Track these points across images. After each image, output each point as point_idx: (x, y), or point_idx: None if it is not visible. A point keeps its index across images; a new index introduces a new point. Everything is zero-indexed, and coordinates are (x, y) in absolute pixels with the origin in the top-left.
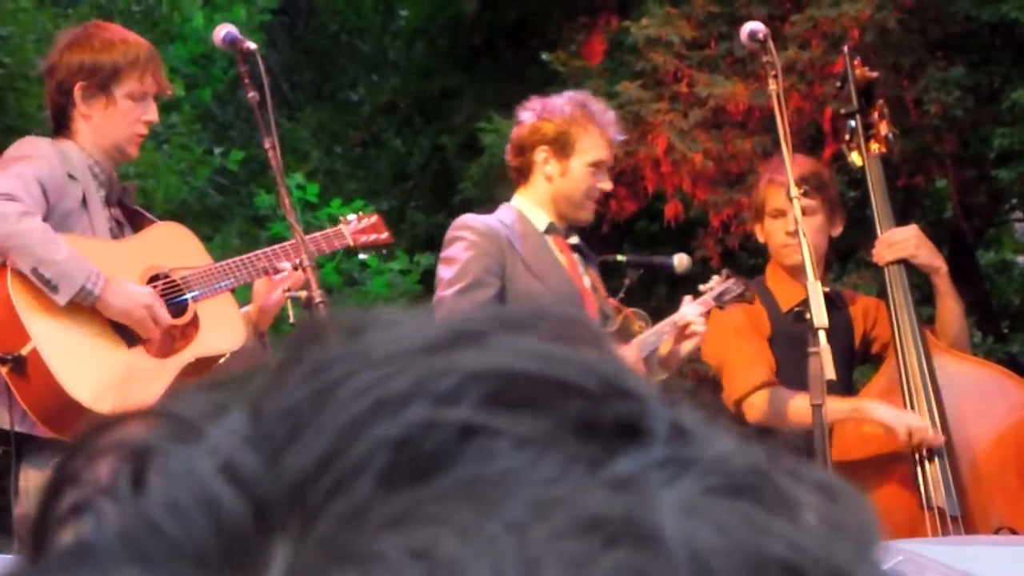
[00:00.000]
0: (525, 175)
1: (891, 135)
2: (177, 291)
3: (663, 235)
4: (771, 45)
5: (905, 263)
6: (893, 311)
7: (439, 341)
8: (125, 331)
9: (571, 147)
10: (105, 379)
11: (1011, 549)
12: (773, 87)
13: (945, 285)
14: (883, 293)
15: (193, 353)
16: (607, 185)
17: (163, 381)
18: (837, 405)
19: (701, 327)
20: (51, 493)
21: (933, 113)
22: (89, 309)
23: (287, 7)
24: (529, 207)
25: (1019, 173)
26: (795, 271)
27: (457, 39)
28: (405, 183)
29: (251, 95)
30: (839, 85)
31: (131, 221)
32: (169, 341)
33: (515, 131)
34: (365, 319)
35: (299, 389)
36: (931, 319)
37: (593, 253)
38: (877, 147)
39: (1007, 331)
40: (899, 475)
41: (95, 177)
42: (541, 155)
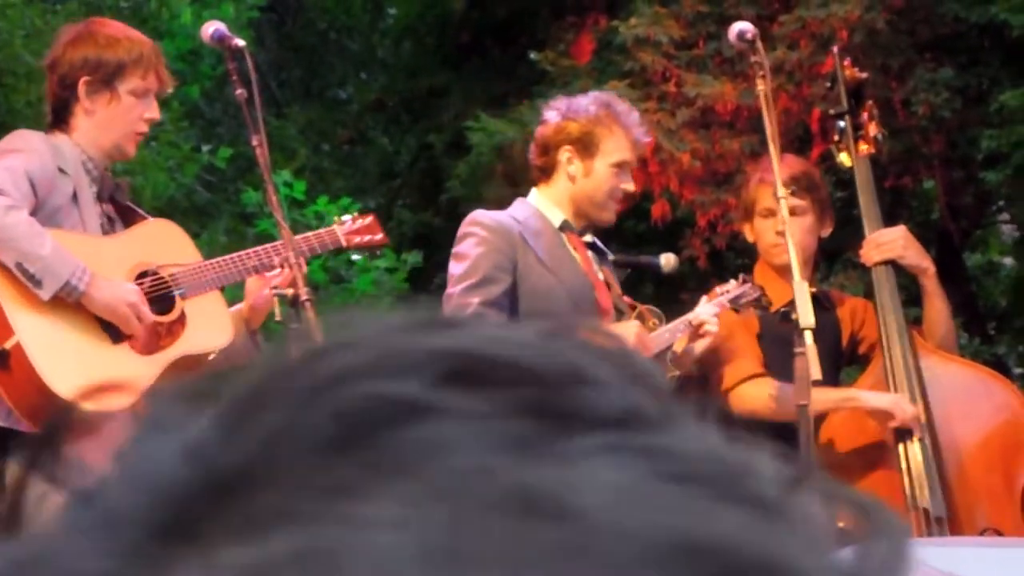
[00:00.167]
0: (548, 174)
1: (880, 136)
2: (165, 288)
3: (650, 235)
4: (759, 45)
5: (893, 264)
6: (880, 312)
7: (410, 326)
8: (111, 327)
9: (595, 147)
10: (89, 375)
11: (996, 551)
12: (761, 87)
13: (933, 286)
14: (869, 294)
15: (179, 351)
16: (630, 186)
17: (148, 378)
18: (828, 395)
19: (715, 327)
20: (20, 483)
21: (921, 114)
22: (75, 305)
23: (275, 4)
24: (546, 204)
25: (1006, 175)
26: (784, 271)
27: (445, 38)
28: (392, 181)
29: (239, 92)
30: (828, 86)
31: (123, 217)
32: (155, 338)
33: (539, 130)
34: (351, 314)
35: (267, 369)
36: (918, 320)
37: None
38: (866, 148)
39: (993, 332)
40: (884, 475)
41: (88, 173)
42: (565, 155)
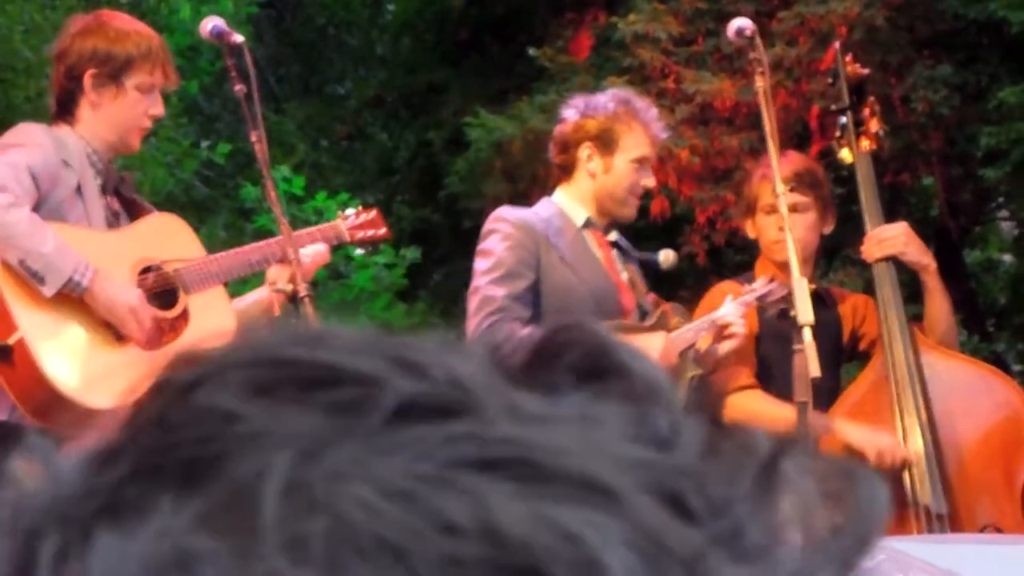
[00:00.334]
0: (568, 172)
1: (882, 132)
2: (169, 283)
3: (649, 231)
4: (758, 42)
5: (894, 260)
6: (881, 308)
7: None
8: None
9: (615, 144)
10: (92, 371)
11: (996, 548)
12: (760, 84)
13: (934, 282)
14: (869, 290)
15: (182, 347)
16: (651, 181)
17: (150, 374)
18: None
19: (741, 328)
20: None
21: (920, 111)
22: (78, 300)
23: (274, 0)
24: (569, 203)
25: (1005, 172)
26: (787, 267)
27: (444, 34)
28: (391, 177)
29: (238, 88)
30: (830, 81)
31: (128, 210)
32: (158, 334)
33: (558, 128)
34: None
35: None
36: (918, 316)
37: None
38: (867, 144)
39: (992, 330)
40: (884, 472)
41: (92, 165)
42: (585, 152)
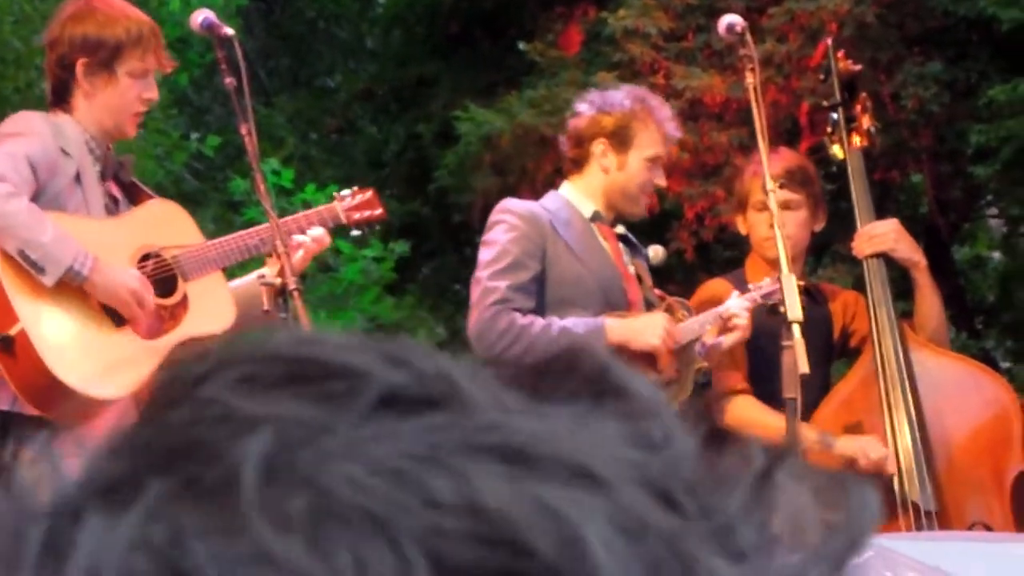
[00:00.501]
0: (580, 166)
1: (873, 129)
2: (168, 270)
3: (637, 227)
4: (749, 38)
5: (884, 257)
6: (871, 305)
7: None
8: (114, 312)
9: (630, 141)
10: (92, 361)
11: (985, 545)
12: (750, 80)
13: (924, 279)
14: (858, 286)
15: (182, 334)
16: (662, 180)
17: (151, 362)
18: (803, 432)
19: (745, 321)
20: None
21: (910, 108)
22: (78, 290)
23: None
24: (577, 196)
25: (995, 169)
26: (778, 264)
27: (434, 27)
28: (380, 170)
29: (228, 81)
30: (822, 78)
31: (128, 195)
32: (158, 322)
33: (573, 122)
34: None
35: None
36: (907, 313)
37: (640, 244)
38: (859, 140)
39: (981, 327)
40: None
41: (91, 152)
42: (599, 147)
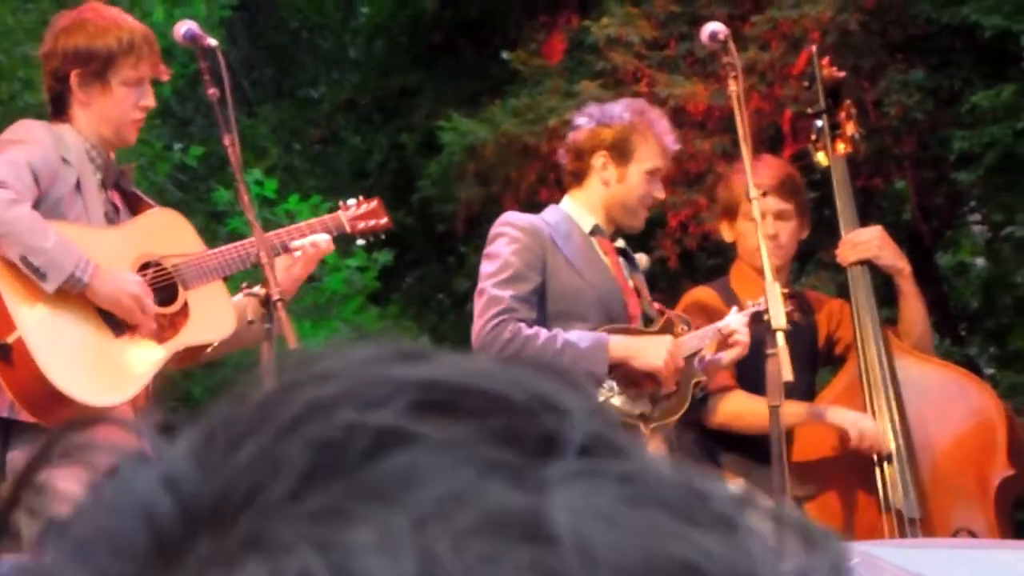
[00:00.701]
0: (579, 179)
1: (857, 136)
2: (168, 279)
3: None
4: (731, 46)
5: (868, 264)
6: (855, 312)
7: (377, 356)
8: (113, 320)
9: (630, 154)
10: (90, 368)
11: (969, 552)
12: (733, 88)
13: (909, 287)
14: (841, 294)
15: (181, 342)
16: (661, 193)
17: (150, 371)
18: (794, 409)
19: (745, 337)
20: (9, 502)
21: (893, 115)
22: (78, 297)
23: (247, 3)
24: (577, 209)
25: (978, 176)
26: (774, 274)
27: (417, 37)
28: (364, 180)
29: (211, 91)
30: (806, 85)
31: (129, 204)
32: (158, 330)
33: (572, 135)
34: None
35: (238, 401)
36: (891, 320)
37: (636, 259)
38: (843, 147)
39: (965, 333)
40: (858, 476)
41: (92, 161)
42: (599, 160)
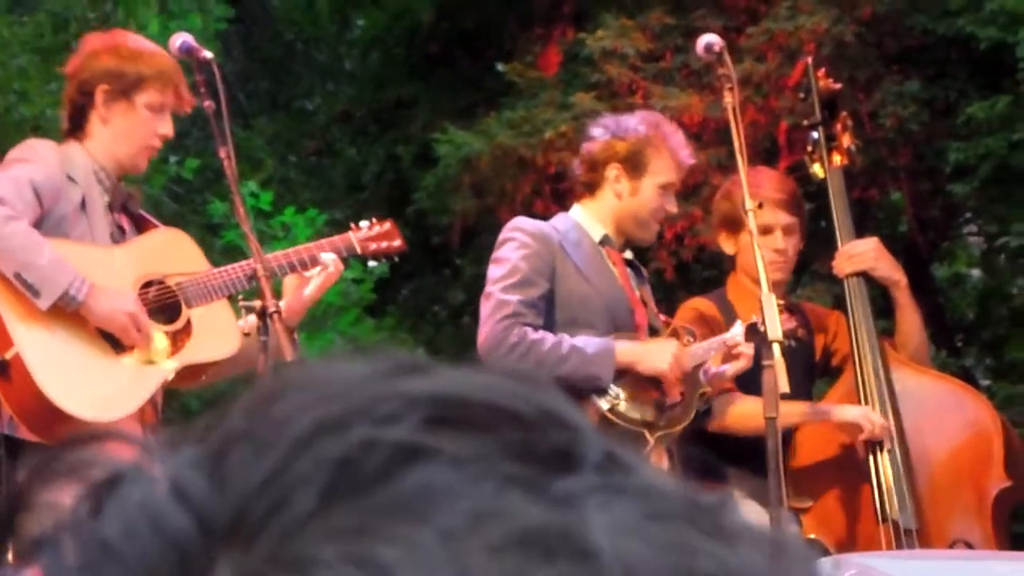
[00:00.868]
0: (592, 190)
1: (854, 147)
2: (172, 297)
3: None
4: (727, 58)
5: (865, 276)
6: (852, 324)
7: (383, 371)
8: (113, 338)
9: (644, 167)
10: (89, 385)
11: (966, 563)
12: (729, 99)
13: (905, 298)
14: (838, 305)
15: (181, 360)
16: (673, 207)
17: (150, 388)
18: (798, 409)
19: (749, 351)
20: (5, 520)
21: (888, 126)
22: (75, 315)
23: (243, 15)
24: (588, 219)
25: (974, 187)
26: (775, 287)
27: (413, 49)
28: (359, 192)
29: (207, 104)
30: (802, 97)
31: (137, 227)
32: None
33: (586, 146)
34: (314, 360)
35: (247, 415)
36: (887, 331)
37: (644, 271)
38: (840, 159)
39: (961, 345)
40: (855, 487)
41: (100, 182)
42: (613, 172)
